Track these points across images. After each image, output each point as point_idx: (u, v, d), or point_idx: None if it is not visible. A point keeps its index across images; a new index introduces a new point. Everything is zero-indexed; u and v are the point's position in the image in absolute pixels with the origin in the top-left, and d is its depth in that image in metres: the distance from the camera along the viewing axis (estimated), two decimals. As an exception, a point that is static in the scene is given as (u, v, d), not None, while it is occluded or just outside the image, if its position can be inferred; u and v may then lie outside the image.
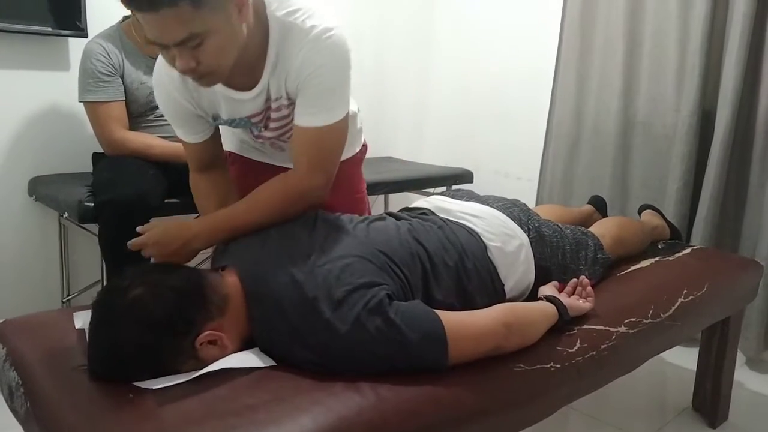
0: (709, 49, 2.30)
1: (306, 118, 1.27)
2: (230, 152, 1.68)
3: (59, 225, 2.28)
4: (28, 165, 2.23)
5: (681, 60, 2.38)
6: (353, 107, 1.54)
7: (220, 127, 1.48)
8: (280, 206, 1.27)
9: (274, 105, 1.32)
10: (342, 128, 1.30)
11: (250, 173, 1.61)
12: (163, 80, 1.34)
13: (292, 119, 1.33)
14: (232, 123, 1.40)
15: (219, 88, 1.29)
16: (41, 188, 2.15)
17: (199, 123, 1.40)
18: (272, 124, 1.38)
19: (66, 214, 2.00)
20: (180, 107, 1.36)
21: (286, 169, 1.51)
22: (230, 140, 1.65)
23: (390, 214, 1.41)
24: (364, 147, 1.71)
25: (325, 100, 1.26)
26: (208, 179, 1.48)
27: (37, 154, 2.24)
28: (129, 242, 1.23)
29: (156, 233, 1.24)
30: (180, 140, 1.47)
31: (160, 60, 1.32)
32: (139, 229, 1.25)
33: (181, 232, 1.25)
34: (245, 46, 1.19)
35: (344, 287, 1.06)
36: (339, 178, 1.41)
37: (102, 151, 2.10)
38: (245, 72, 1.25)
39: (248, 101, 1.31)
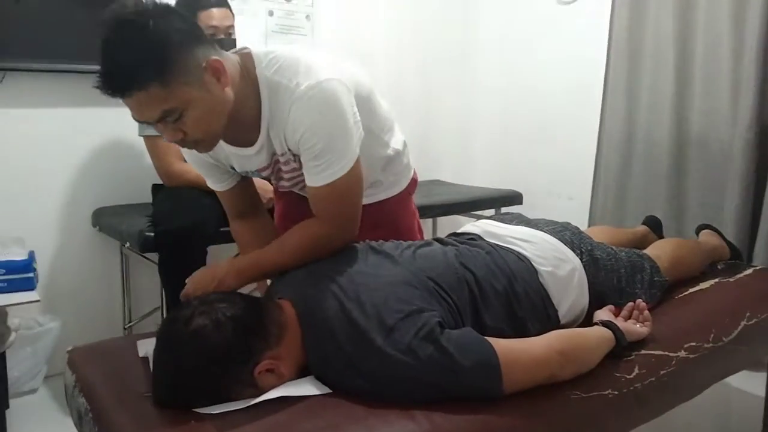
0: (765, 61, 2.23)
1: (312, 177, 1.26)
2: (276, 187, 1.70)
3: (121, 254, 2.38)
4: (92, 197, 2.33)
5: (736, 72, 2.31)
6: (397, 145, 1.53)
7: None
8: (307, 252, 1.27)
9: (282, 159, 1.32)
10: (353, 177, 1.26)
11: (296, 206, 1.59)
12: None
13: (300, 171, 1.33)
14: (246, 174, 1.44)
15: (224, 144, 1.31)
16: (104, 219, 2.24)
17: (221, 172, 1.44)
18: (285, 176, 1.38)
19: (128, 244, 2.08)
20: (200, 158, 1.40)
21: None
22: None
23: (437, 240, 1.41)
24: (414, 181, 1.66)
25: (325, 158, 1.22)
26: (246, 226, 1.51)
27: (100, 187, 2.35)
28: (180, 295, 1.26)
29: (194, 278, 1.28)
30: (217, 192, 1.51)
31: None
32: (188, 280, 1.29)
33: (214, 272, 1.27)
34: (239, 106, 1.20)
35: (395, 314, 1.07)
36: (383, 217, 1.42)
37: (161, 182, 2.18)
38: (245, 129, 1.26)
39: (252, 156, 1.32)
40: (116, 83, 1.08)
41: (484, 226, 1.50)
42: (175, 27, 1.10)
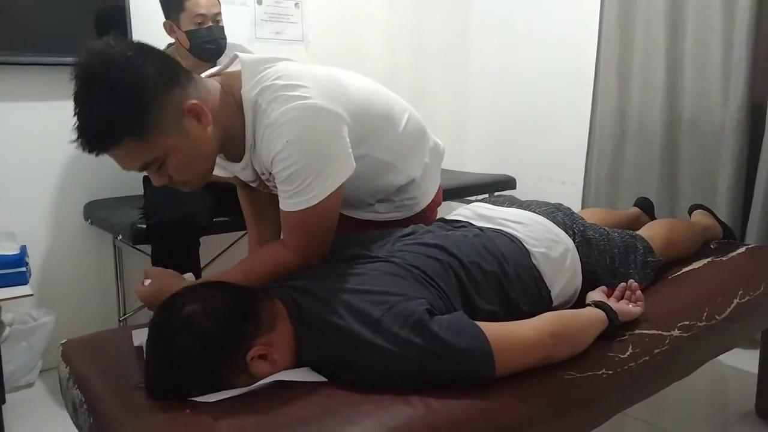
0: (756, 41, 2.24)
1: (283, 201, 1.21)
2: None
3: (114, 247, 2.37)
4: (83, 190, 2.32)
5: (726, 53, 2.31)
6: (414, 171, 1.46)
7: None
8: (272, 277, 1.24)
9: (270, 178, 1.28)
10: (324, 208, 1.19)
11: None
12: None
13: None
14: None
15: (219, 158, 1.31)
16: (96, 212, 2.23)
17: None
18: (275, 191, 1.31)
19: (120, 237, 2.08)
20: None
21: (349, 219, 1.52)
22: None
23: (422, 228, 1.39)
24: (434, 203, 1.59)
25: (293, 185, 1.17)
26: (249, 195, 1.59)
27: (91, 180, 2.34)
28: (135, 290, 1.24)
29: (150, 289, 1.23)
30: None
31: None
32: (145, 276, 1.26)
33: (172, 289, 1.17)
34: (225, 131, 1.19)
35: (381, 306, 1.06)
36: None
37: (152, 174, 2.17)
38: (231, 147, 1.24)
39: (240, 171, 1.33)
40: (90, 142, 1.07)
41: (476, 209, 1.50)
42: (146, 73, 1.06)
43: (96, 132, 1.06)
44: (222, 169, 1.45)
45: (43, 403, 2.06)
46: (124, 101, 1.04)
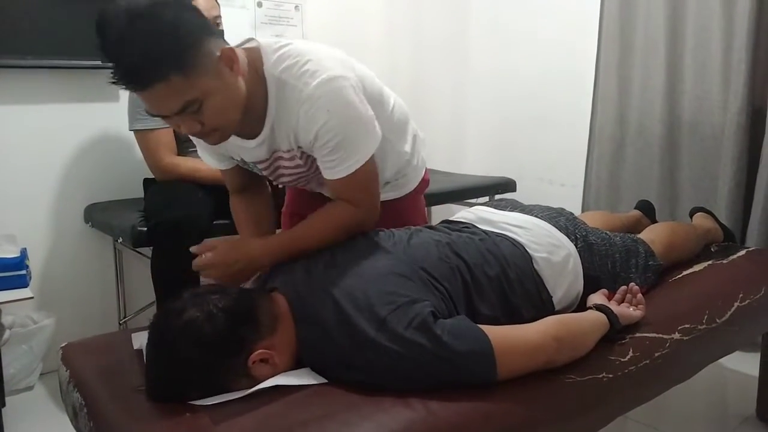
0: (756, 44, 2.24)
1: (329, 172, 1.27)
2: None
3: (114, 250, 2.37)
4: (83, 193, 2.32)
5: (726, 56, 2.32)
6: (407, 147, 1.51)
7: None
8: (334, 234, 1.28)
9: (286, 155, 1.32)
10: (369, 167, 1.28)
11: (304, 191, 1.60)
12: None
13: (310, 168, 1.35)
14: (243, 165, 1.44)
15: None
16: (96, 215, 2.23)
17: (222, 155, 1.45)
18: (286, 171, 1.37)
19: (120, 239, 2.07)
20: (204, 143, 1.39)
21: None
22: None
23: (429, 228, 1.41)
24: (424, 182, 1.63)
25: (341, 152, 1.23)
26: (243, 200, 1.54)
27: (91, 183, 2.34)
28: (194, 263, 1.25)
29: (218, 256, 1.25)
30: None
31: None
32: (194, 249, 1.27)
33: (242, 254, 1.26)
34: (248, 97, 1.20)
35: (387, 306, 1.06)
36: (391, 216, 1.43)
37: (152, 176, 2.17)
38: (248, 122, 1.25)
39: (251, 149, 1.33)
40: (137, 76, 1.06)
41: (479, 213, 1.50)
42: (189, 17, 1.10)
43: (144, 66, 1.05)
44: (218, 157, 1.45)
45: (43, 406, 2.05)
46: (173, 38, 1.05)
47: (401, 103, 1.52)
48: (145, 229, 1.92)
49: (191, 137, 1.37)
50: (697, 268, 1.67)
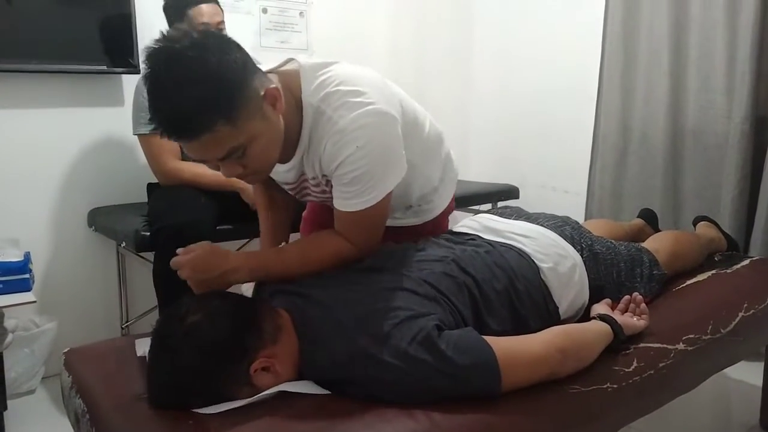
0: (759, 55, 2.24)
1: (341, 202, 1.24)
2: None
3: (117, 254, 2.37)
4: (87, 197, 2.32)
5: (730, 66, 2.32)
6: (434, 179, 1.50)
7: None
8: (320, 264, 1.25)
9: (312, 182, 1.31)
10: (381, 206, 1.24)
11: (320, 211, 1.60)
12: None
13: (328, 194, 1.32)
14: (273, 181, 1.44)
15: None
16: (100, 219, 2.23)
17: None
18: (312, 192, 1.36)
19: (124, 244, 2.07)
20: None
21: None
22: None
23: (433, 242, 1.38)
24: (448, 209, 1.63)
25: (358, 186, 1.20)
26: (268, 218, 1.55)
27: (95, 187, 2.34)
28: (172, 261, 1.21)
29: (195, 259, 1.19)
30: None
31: None
32: (179, 250, 1.22)
33: (220, 262, 1.20)
34: (286, 123, 1.18)
35: (390, 321, 1.05)
36: (405, 238, 1.40)
37: (156, 181, 2.18)
38: (285, 145, 1.21)
39: (283, 173, 1.32)
40: (183, 129, 1.03)
41: (483, 221, 1.49)
42: (233, 58, 1.05)
43: (189, 117, 1.00)
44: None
45: (44, 410, 2.05)
46: (219, 84, 1.01)
47: (434, 122, 1.49)
48: (149, 233, 1.92)
49: None
50: (701, 277, 1.66)
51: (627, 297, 1.39)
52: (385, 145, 1.20)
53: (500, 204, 2.83)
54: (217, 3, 2.15)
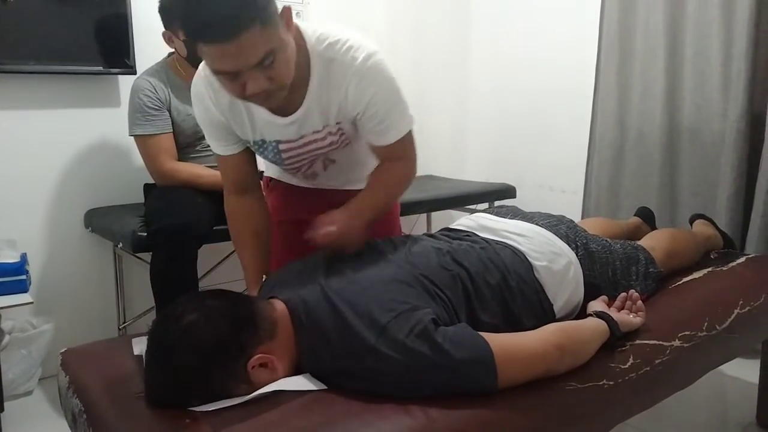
0: (755, 53, 2.24)
1: (380, 138, 1.36)
2: (270, 178, 1.70)
3: (114, 255, 2.37)
4: (83, 198, 2.32)
5: (726, 64, 2.32)
6: None
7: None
8: (404, 188, 1.42)
9: (318, 134, 1.37)
10: (411, 135, 1.40)
11: (291, 197, 1.64)
12: (202, 95, 1.37)
13: (338, 143, 1.41)
14: (261, 146, 1.42)
15: (256, 108, 1.32)
16: (96, 220, 2.23)
17: (231, 135, 1.42)
18: (315, 147, 1.41)
19: (120, 245, 2.07)
20: (216, 119, 1.38)
21: (327, 192, 1.56)
22: (271, 165, 1.65)
23: (429, 236, 1.41)
24: None
25: (389, 120, 1.33)
26: (244, 204, 1.49)
27: (91, 188, 2.34)
28: (320, 240, 1.26)
29: (337, 231, 1.27)
30: (216, 157, 1.49)
31: (199, 75, 1.37)
32: (319, 230, 1.27)
33: (355, 223, 1.30)
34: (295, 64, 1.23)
35: (388, 313, 1.06)
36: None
37: (153, 182, 2.18)
38: (287, 95, 1.26)
39: (283, 126, 1.35)
40: (225, 26, 1.07)
41: (479, 220, 1.50)
42: None
43: (231, 15, 1.06)
44: (227, 140, 1.42)
45: (42, 411, 2.05)
46: None
47: None
48: (145, 234, 1.92)
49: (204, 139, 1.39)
50: (696, 275, 1.67)
51: (623, 294, 1.39)
52: (394, 79, 1.33)
53: (497, 203, 2.84)
54: None
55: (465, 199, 2.81)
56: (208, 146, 2.15)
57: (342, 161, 1.52)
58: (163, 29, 2.12)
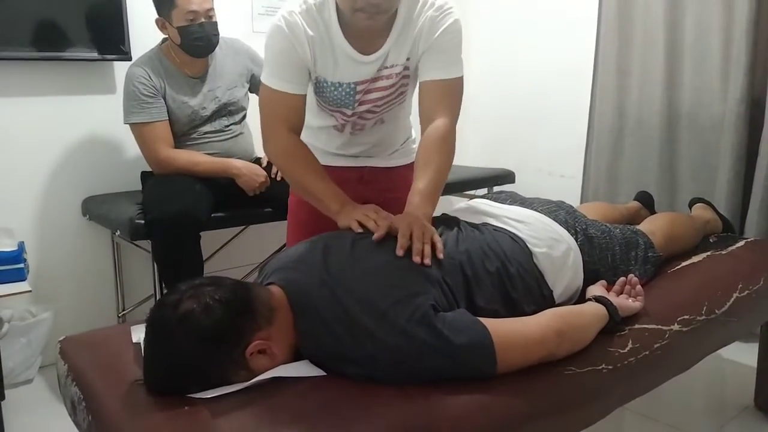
0: (755, 35, 2.23)
1: (440, 71, 1.41)
2: None
3: (112, 243, 2.36)
4: (80, 186, 2.31)
5: (725, 48, 2.31)
6: (410, 127, 1.73)
7: None
8: (452, 153, 1.45)
9: (385, 72, 1.44)
10: (463, 83, 1.46)
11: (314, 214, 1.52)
12: (294, 26, 1.37)
13: (394, 90, 1.48)
14: (335, 89, 1.45)
15: (343, 45, 1.39)
16: (94, 208, 2.23)
17: (306, 75, 1.43)
18: (374, 92, 1.47)
19: (118, 232, 2.07)
20: (297, 56, 1.38)
21: (349, 169, 1.62)
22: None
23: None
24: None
25: (455, 53, 1.42)
26: (300, 142, 1.45)
27: (89, 175, 2.33)
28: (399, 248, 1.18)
29: (414, 230, 1.21)
30: (276, 96, 1.42)
31: (294, 11, 1.38)
32: (375, 234, 1.23)
33: (419, 219, 1.25)
34: None
35: (387, 299, 1.06)
36: (398, 181, 1.62)
37: (150, 169, 2.17)
38: (372, 35, 1.39)
39: (365, 65, 1.42)
40: None
41: (478, 206, 1.49)
42: None
43: None
44: (300, 77, 1.42)
45: (42, 399, 2.06)
46: None
47: None
48: (143, 222, 1.91)
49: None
50: (696, 259, 1.67)
51: (622, 279, 1.39)
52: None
53: (496, 189, 2.83)
54: None
55: (464, 184, 2.80)
56: (205, 133, 2.18)
57: (388, 121, 1.59)
58: (156, 16, 2.10)
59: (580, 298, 1.36)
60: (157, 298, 2.06)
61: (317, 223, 1.43)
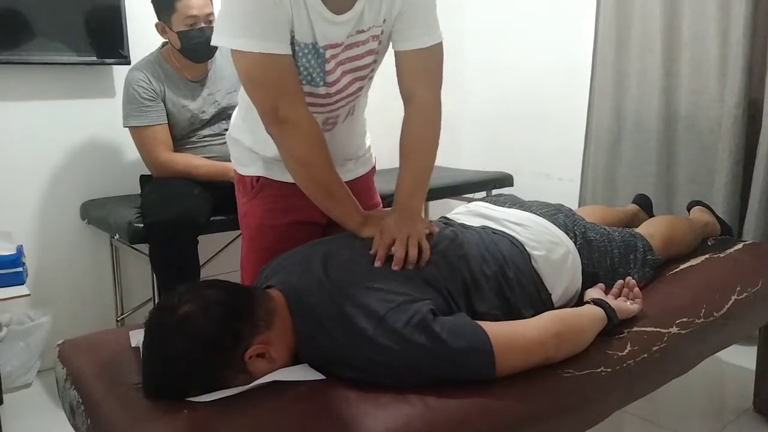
0: (753, 38, 2.23)
1: (420, 39, 1.34)
2: (258, 177, 1.49)
3: (111, 246, 2.36)
4: (79, 190, 2.31)
5: (723, 50, 2.31)
6: (365, 127, 1.60)
7: (245, 147, 1.49)
8: (437, 139, 1.42)
9: (361, 38, 1.30)
10: (442, 50, 1.41)
11: (286, 199, 1.46)
12: None
13: (367, 65, 1.36)
14: (303, 55, 1.27)
15: (315, 4, 1.21)
16: (93, 212, 2.22)
17: (287, 32, 1.24)
18: (349, 54, 1.31)
19: (117, 236, 2.07)
20: (284, 13, 1.19)
21: None
22: (258, 163, 1.49)
23: None
24: (373, 167, 1.65)
25: (432, 18, 1.35)
26: (311, 118, 1.29)
27: (87, 179, 2.33)
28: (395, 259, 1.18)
29: (397, 232, 1.21)
30: (267, 61, 1.22)
31: None
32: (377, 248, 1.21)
33: (416, 225, 1.25)
34: None
35: (386, 304, 1.06)
36: (360, 194, 1.43)
37: (149, 173, 2.17)
38: None
39: (338, 24, 1.25)
40: None
41: (477, 209, 1.50)
42: None
43: None
44: (283, 35, 1.22)
45: (41, 403, 2.05)
46: None
47: None
48: (142, 225, 1.91)
49: None
50: (694, 261, 1.67)
51: (620, 281, 1.39)
52: None
53: (494, 192, 2.83)
54: None
55: (462, 188, 2.81)
56: (204, 137, 2.18)
57: (357, 114, 1.50)
58: (156, 21, 2.10)
59: (579, 301, 1.36)
60: (156, 302, 2.07)
61: (283, 252, 1.29)
